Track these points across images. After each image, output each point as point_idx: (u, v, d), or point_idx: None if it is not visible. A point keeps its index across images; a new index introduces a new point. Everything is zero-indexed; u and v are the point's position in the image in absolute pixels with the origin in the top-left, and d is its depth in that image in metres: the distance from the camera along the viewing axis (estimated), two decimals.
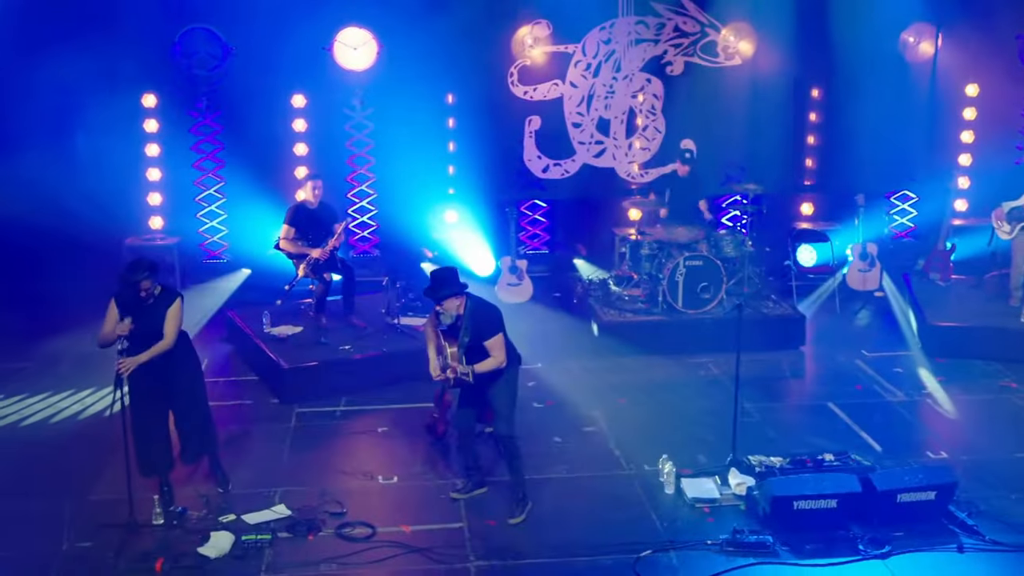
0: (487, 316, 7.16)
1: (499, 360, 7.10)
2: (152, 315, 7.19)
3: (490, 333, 7.09)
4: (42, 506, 7.37)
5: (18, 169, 11.52)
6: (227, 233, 12.86)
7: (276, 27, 11.97)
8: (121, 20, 11.67)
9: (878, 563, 6.71)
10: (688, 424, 8.87)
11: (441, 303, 7.08)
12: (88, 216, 11.95)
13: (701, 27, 12.14)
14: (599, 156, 12.55)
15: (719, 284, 10.77)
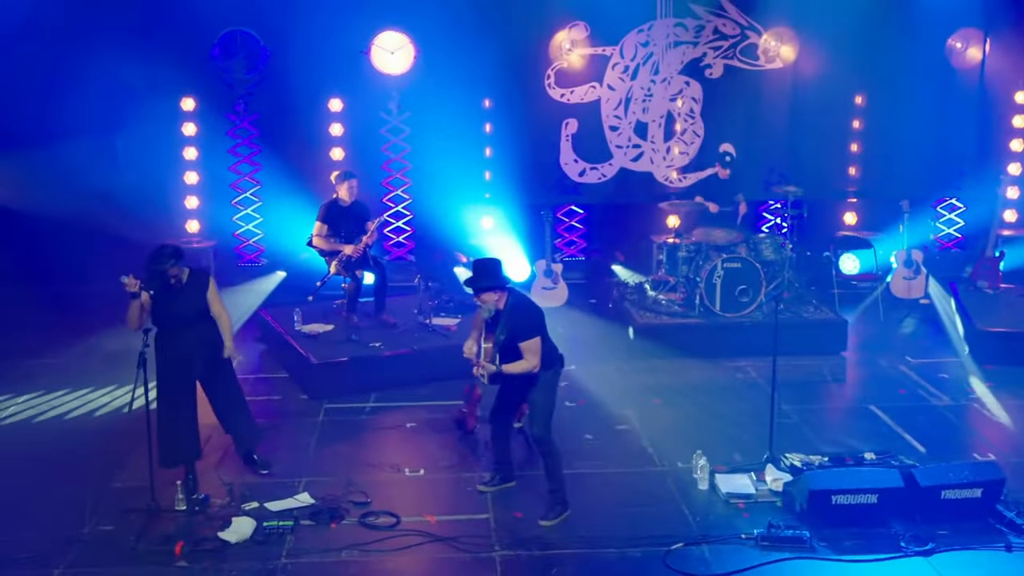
0: (526, 317, 6.89)
1: (531, 364, 6.83)
2: (186, 298, 7.21)
3: (526, 335, 6.83)
4: (66, 492, 7.31)
5: (59, 171, 11.63)
6: (263, 236, 12.86)
7: (314, 31, 12.02)
8: (161, 24, 11.76)
9: (921, 560, 6.44)
10: (724, 424, 8.63)
11: (478, 295, 6.91)
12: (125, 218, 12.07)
13: (741, 29, 11.99)
14: (636, 160, 12.40)
15: (758, 287, 10.55)
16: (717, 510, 7.16)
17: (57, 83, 11.64)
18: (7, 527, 6.80)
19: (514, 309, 6.88)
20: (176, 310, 7.18)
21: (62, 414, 8.95)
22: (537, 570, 6.45)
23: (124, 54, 11.47)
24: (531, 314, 6.92)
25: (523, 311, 6.90)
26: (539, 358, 6.83)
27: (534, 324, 6.86)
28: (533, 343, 6.82)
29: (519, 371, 6.84)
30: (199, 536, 6.72)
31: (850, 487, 6.81)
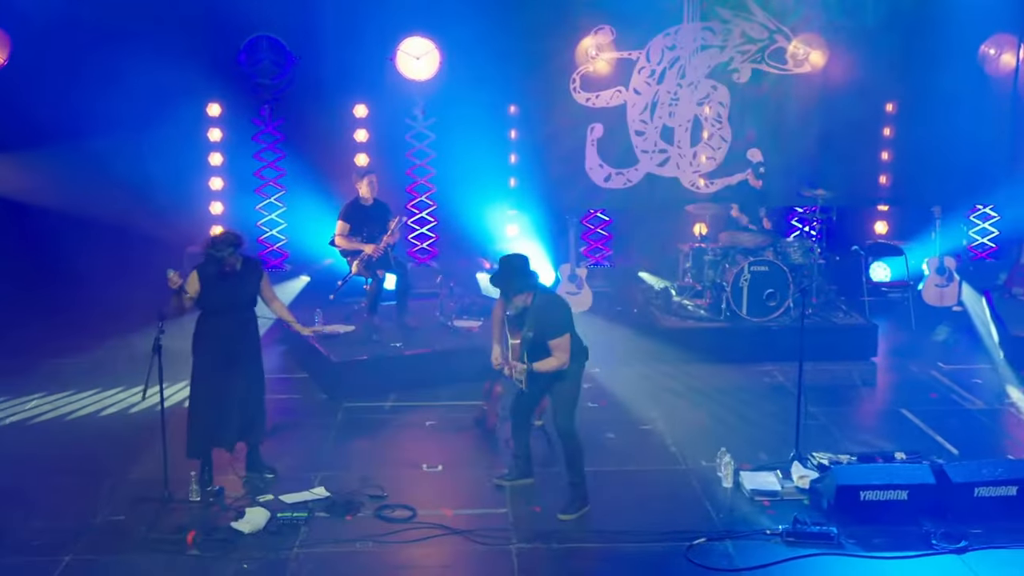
0: (554, 313, 6.74)
1: (561, 361, 6.68)
2: (238, 286, 7.21)
3: (555, 332, 6.67)
4: (81, 483, 7.26)
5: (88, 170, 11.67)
6: (287, 242, 12.83)
7: (340, 36, 12.02)
8: (188, 29, 11.76)
9: (954, 558, 6.22)
10: (749, 425, 8.47)
11: (509, 297, 6.78)
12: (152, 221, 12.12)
13: (769, 33, 11.85)
14: (663, 165, 12.26)
15: (785, 291, 10.37)
16: (741, 507, 6.98)
17: (84, 85, 11.63)
18: (22, 516, 6.73)
19: (542, 306, 6.75)
20: (227, 296, 7.17)
21: (91, 413, 8.89)
22: (555, 563, 6.30)
23: (151, 58, 11.49)
24: (560, 311, 6.79)
25: (552, 308, 6.77)
26: (568, 355, 6.69)
27: (563, 321, 6.74)
28: (563, 340, 6.68)
29: (549, 369, 6.70)
30: (212, 526, 6.62)
31: (879, 483, 6.62)
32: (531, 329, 6.68)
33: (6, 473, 7.42)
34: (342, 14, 11.93)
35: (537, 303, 6.74)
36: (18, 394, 9.11)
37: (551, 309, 6.75)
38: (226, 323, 7.24)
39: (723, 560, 6.24)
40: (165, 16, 11.67)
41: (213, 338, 7.21)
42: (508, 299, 6.75)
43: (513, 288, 6.71)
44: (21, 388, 9.26)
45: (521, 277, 6.72)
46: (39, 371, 9.81)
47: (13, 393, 9.13)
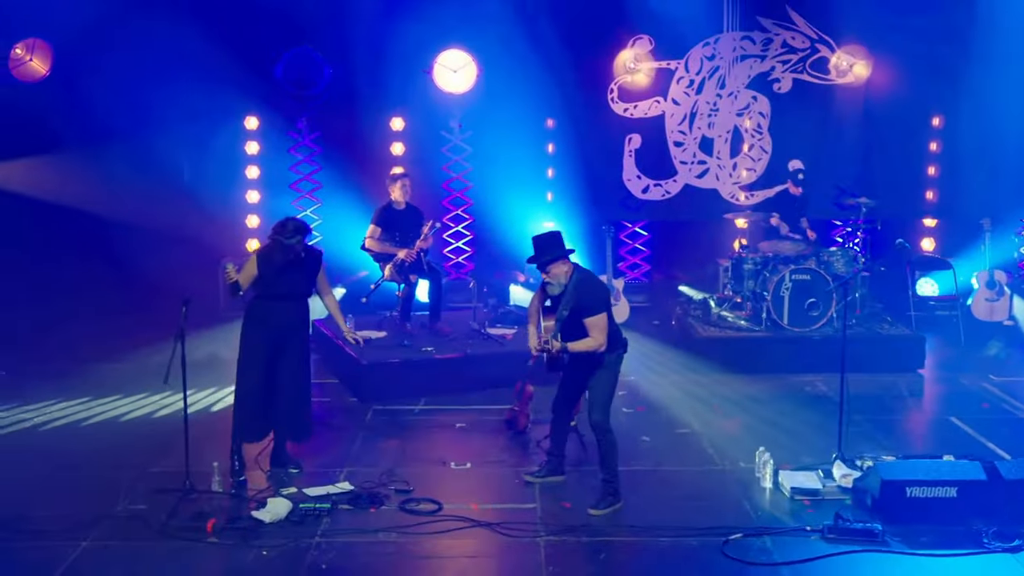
0: (591, 291, 6.55)
1: (597, 342, 6.47)
2: (299, 273, 7.18)
3: (592, 310, 6.47)
4: (105, 476, 7.16)
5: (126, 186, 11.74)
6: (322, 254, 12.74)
7: (376, 49, 12.02)
8: (225, 43, 11.80)
9: (1008, 557, 5.90)
10: (790, 431, 8.17)
11: (547, 269, 6.57)
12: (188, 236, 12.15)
13: (811, 43, 11.69)
14: (702, 176, 12.09)
15: (828, 301, 10.09)
16: (781, 506, 6.72)
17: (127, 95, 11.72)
18: (43, 506, 6.63)
19: (580, 284, 6.57)
20: (287, 284, 7.14)
21: (130, 415, 8.78)
22: (583, 555, 6.06)
23: (190, 72, 11.61)
24: (597, 289, 6.61)
25: (589, 285, 6.59)
26: (605, 336, 6.49)
27: (600, 299, 6.55)
28: (599, 319, 6.48)
29: (585, 349, 6.51)
30: (232, 515, 6.48)
31: (927, 479, 6.32)
32: (567, 308, 6.50)
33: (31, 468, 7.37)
34: (379, 26, 11.92)
35: (575, 280, 6.56)
36: (69, 397, 9.02)
37: (589, 286, 6.57)
38: (282, 310, 7.18)
39: (761, 555, 5.97)
40: (203, 31, 11.71)
41: (267, 325, 7.14)
42: (546, 270, 6.54)
43: (549, 256, 6.51)
44: (71, 391, 9.19)
45: (554, 248, 6.55)
46: (88, 374, 9.74)
47: (64, 395, 9.05)
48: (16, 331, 10.58)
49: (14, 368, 9.76)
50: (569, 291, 6.53)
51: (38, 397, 8.95)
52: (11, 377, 9.56)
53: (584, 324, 6.48)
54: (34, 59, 11.69)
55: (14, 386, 9.28)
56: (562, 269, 6.55)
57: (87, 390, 9.23)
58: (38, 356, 10.20)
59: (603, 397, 6.66)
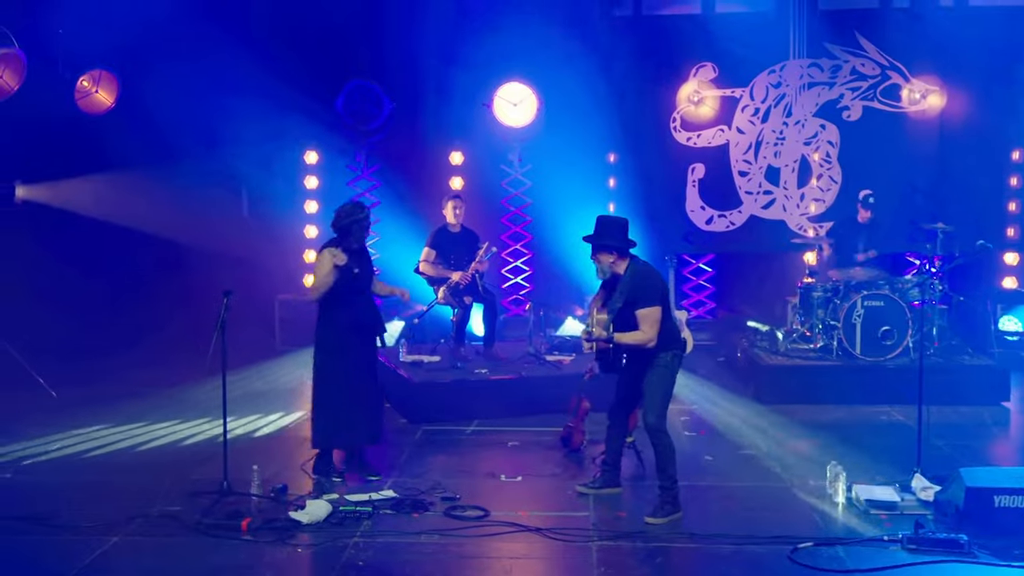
0: (645, 283, 6.24)
1: (647, 336, 6.15)
2: (365, 262, 7.03)
3: (644, 302, 6.17)
4: (142, 481, 6.94)
5: (185, 219, 11.75)
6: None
7: (437, 82, 11.98)
8: (286, 77, 11.83)
9: None
10: (863, 453, 7.62)
11: (595, 253, 6.34)
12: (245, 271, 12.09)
13: (882, 69, 11.35)
14: (768, 207, 11.71)
15: (904, 329, 9.58)
16: (855, 519, 6.22)
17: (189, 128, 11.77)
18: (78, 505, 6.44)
19: (635, 275, 6.28)
20: (360, 274, 6.91)
21: (194, 434, 8.51)
22: (638, 559, 5.64)
23: (250, 102, 11.65)
24: (652, 281, 6.29)
25: (644, 277, 6.28)
26: (656, 330, 6.15)
27: (654, 291, 6.22)
28: (651, 312, 6.16)
29: (631, 342, 6.17)
30: (269, 516, 6.19)
31: (1018, 487, 5.79)
32: (620, 299, 6.19)
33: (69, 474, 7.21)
34: (439, 60, 11.90)
35: (630, 271, 6.26)
36: (121, 422, 8.70)
37: (644, 278, 6.26)
38: (360, 305, 6.98)
39: (833, 563, 5.50)
40: (264, 64, 11.77)
41: (346, 323, 6.90)
42: (593, 253, 6.28)
43: (601, 243, 6.27)
44: (125, 416, 8.91)
45: (612, 235, 6.29)
46: (148, 399, 9.50)
47: (119, 420, 8.77)
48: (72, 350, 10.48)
49: (68, 391, 9.59)
50: (624, 282, 6.24)
51: (90, 422, 8.66)
52: (61, 400, 9.40)
53: (636, 316, 6.14)
54: (100, 91, 11.84)
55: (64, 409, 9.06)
56: (607, 260, 6.28)
57: (140, 415, 8.93)
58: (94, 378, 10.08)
59: (658, 399, 6.30)
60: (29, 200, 11.10)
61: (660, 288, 6.27)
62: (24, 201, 11.09)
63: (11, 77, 10.06)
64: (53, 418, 8.63)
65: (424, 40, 11.79)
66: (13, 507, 6.35)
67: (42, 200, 11.19)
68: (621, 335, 6.17)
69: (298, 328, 12.25)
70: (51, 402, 9.19)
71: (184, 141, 11.74)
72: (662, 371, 6.31)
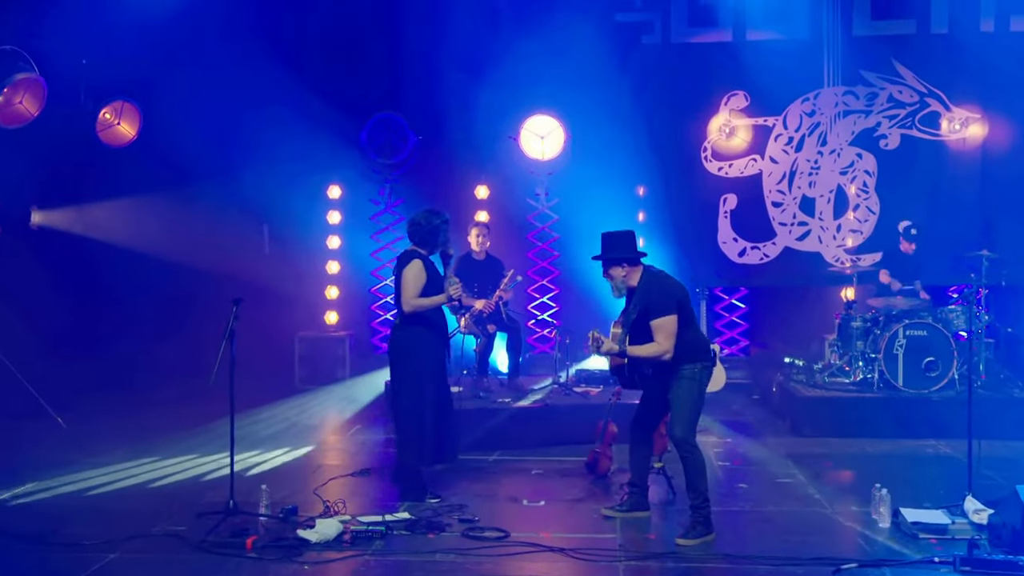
0: (660, 291, 6.01)
1: (661, 348, 5.89)
2: (439, 273, 6.96)
3: (657, 311, 5.92)
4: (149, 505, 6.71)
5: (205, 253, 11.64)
6: None
7: (462, 115, 11.85)
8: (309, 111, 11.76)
9: None
10: (909, 482, 7.24)
11: (606, 269, 6.14)
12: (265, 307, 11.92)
13: (920, 97, 11.10)
14: (803, 239, 11.42)
15: (948, 360, 9.22)
16: (902, 542, 5.85)
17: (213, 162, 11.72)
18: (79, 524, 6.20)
19: (649, 284, 6.04)
20: (440, 283, 6.87)
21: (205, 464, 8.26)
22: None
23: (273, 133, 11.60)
24: (667, 289, 6.03)
25: (658, 285, 6.04)
26: (672, 342, 5.88)
27: (669, 299, 5.96)
28: (666, 322, 5.89)
29: (645, 355, 5.91)
30: (277, 535, 5.92)
31: None
32: (635, 310, 5.93)
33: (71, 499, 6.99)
34: (464, 93, 11.75)
35: (644, 281, 6.02)
36: (136, 456, 8.28)
37: (658, 286, 6.03)
38: (440, 317, 6.93)
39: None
40: (287, 97, 11.73)
41: (433, 336, 6.86)
42: (606, 272, 6.07)
43: (608, 257, 6.09)
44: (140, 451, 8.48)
45: (619, 247, 6.08)
46: (163, 434, 9.13)
47: (129, 455, 8.43)
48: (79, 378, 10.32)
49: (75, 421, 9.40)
50: (639, 293, 5.99)
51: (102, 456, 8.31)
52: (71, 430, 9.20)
53: (651, 328, 5.88)
54: (123, 123, 11.84)
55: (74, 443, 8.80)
56: (620, 273, 6.05)
57: (153, 450, 8.54)
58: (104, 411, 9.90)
59: (686, 411, 6.01)
60: (44, 226, 11.03)
61: (676, 296, 6.01)
62: (40, 227, 11.01)
63: (31, 103, 10.05)
64: (62, 454, 8.28)
65: (449, 72, 11.69)
66: (10, 525, 6.12)
67: (58, 226, 11.12)
68: (634, 348, 5.91)
69: (318, 366, 12.10)
70: (61, 436, 8.96)
71: (205, 173, 11.69)
72: (688, 384, 6.03)
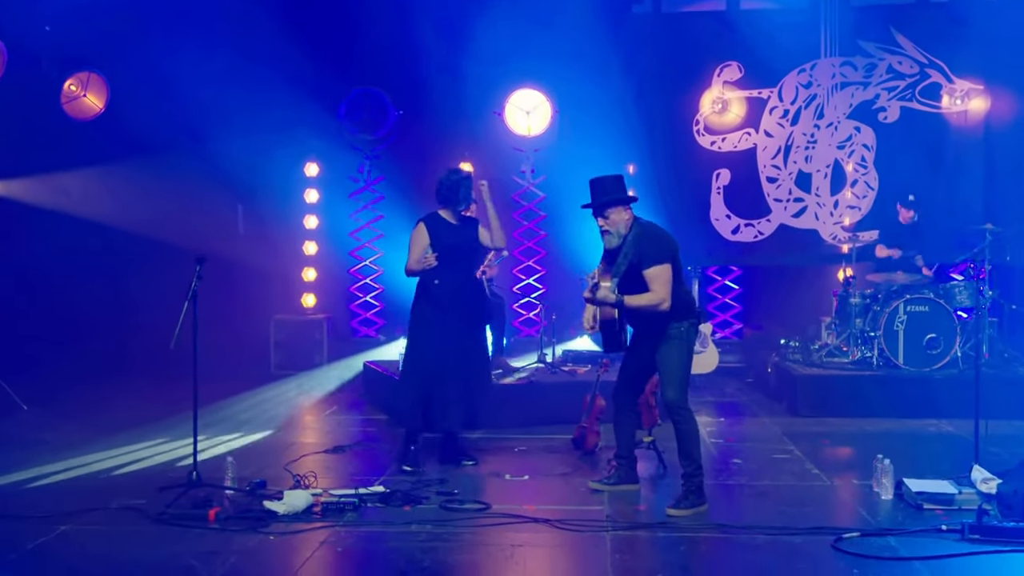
0: (654, 240, 5.79)
1: (659, 296, 5.65)
2: (464, 231, 6.92)
3: (652, 260, 5.69)
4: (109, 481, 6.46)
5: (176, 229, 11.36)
6: (381, 309, 12.15)
7: (445, 89, 11.59)
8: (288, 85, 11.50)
9: None
10: (912, 457, 6.99)
11: (604, 213, 5.88)
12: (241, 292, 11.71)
13: (920, 68, 10.91)
14: (799, 216, 11.22)
15: (951, 337, 9.02)
16: (906, 513, 5.63)
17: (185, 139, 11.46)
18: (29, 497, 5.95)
19: (641, 233, 5.82)
20: (453, 245, 6.81)
21: None
22: (658, 548, 5.08)
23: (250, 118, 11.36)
24: (660, 238, 5.82)
25: (652, 234, 5.83)
26: (668, 290, 5.66)
27: (663, 249, 5.74)
28: (661, 271, 5.67)
29: (643, 304, 5.67)
30: (243, 508, 5.67)
31: None
32: (626, 260, 5.71)
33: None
34: (448, 66, 11.50)
35: (636, 230, 5.80)
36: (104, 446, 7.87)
37: (652, 235, 5.81)
38: (453, 276, 6.79)
39: (885, 551, 4.92)
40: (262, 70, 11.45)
41: (440, 297, 6.75)
42: (603, 214, 5.83)
43: (608, 198, 5.83)
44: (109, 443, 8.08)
45: (618, 189, 5.83)
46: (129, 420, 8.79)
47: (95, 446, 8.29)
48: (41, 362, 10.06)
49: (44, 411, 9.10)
50: (629, 243, 5.77)
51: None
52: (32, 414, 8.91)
53: (644, 278, 5.65)
54: (89, 95, 11.59)
55: None
56: (622, 216, 5.83)
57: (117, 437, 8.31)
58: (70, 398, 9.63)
59: (676, 372, 5.79)
60: (5, 196, 10.73)
61: (670, 247, 5.79)
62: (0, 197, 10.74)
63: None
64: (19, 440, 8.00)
65: (432, 44, 11.44)
66: None
67: (19, 197, 10.82)
68: (631, 297, 5.68)
69: (295, 351, 11.83)
70: (22, 419, 8.68)
71: (175, 145, 11.43)
72: (677, 343, 5.81)
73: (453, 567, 4.76)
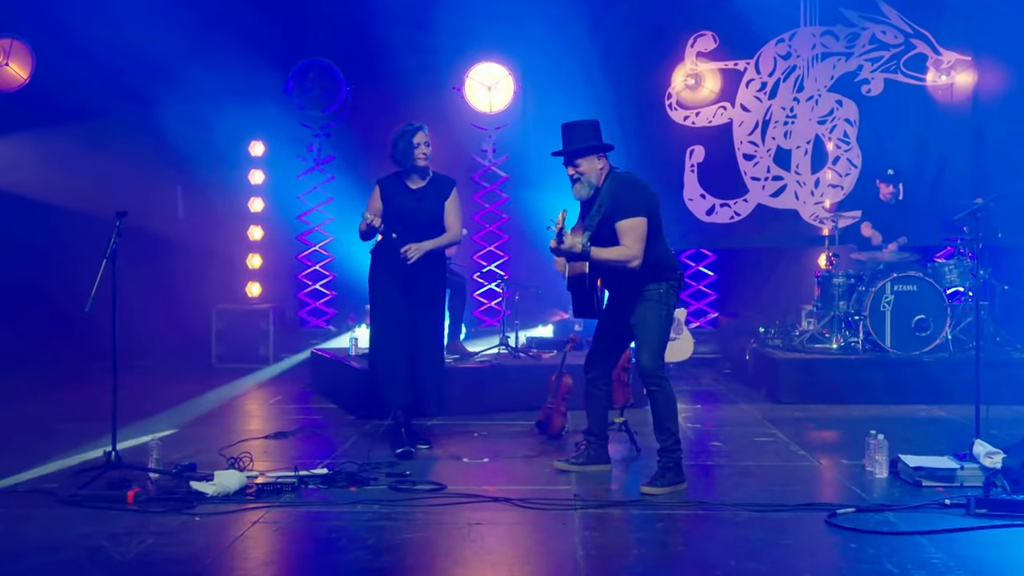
0: (629, 190, 5.42)
1: (630, 252, 5.28)
2: (424, 197, 6.54)
3: (626, 212, 5.32)
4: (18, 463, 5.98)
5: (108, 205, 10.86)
6: (333, 298, 11.74)
7: (401, 63, 11.24)
8: (229, 59, 11.05)
9: None
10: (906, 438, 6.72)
11: (575, 162, 5.52)
12: (181, 279, 11.31)
13: (905, 38, 10.68)
14: (777, 195, 10.94)
15: (941, 318, 8.76)
16: (904, 490, 5.32)
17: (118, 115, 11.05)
18: None
19: (616, 184, 5.46)
20: (410, 212, 6.44)
21: None
22: (633, 525, 4.72)
23: (190, 92, 10.97)
24: (637, 189, 5.46)
25: (627, 185, 5.47)
26: (641, 246, 5.30)
27: (639, 201, 5.38)
28: (635, 224, 5.31)
29: (611, 258, 5.31)
30: (168, 490, 5.24)
31: None
32: (600, 212, 5.36)
33: None
34: (404, 37, 11.14)
35: (610, 181, 5.46)
36: None
37: (627, 186, 5.45)
38: (391, 250, 6.36)
39: (883, 526, 4.59)
40: (201, 41, 11.02)
41: (390, 264, 6.38)
42: (574, 163, 5.47)
43: (580, 145, 5.48)
44: None
45: (592, 136, 5.48)
46: None
47: None
48: None
49: None
50: (604, 193, 5.42)
51: None
52: None
53: (616, 231, 5.30)
54: (11, 64, 11.13)
55: None
56: (595, 166, 5.48)
57: None
58: None
59: (653, 336, 5.44)
60: None
61: (647, 200, 5.42)
62: None
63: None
64: None
65: (386, 14, 11.08)
66: None
67: None
68: (599, 250, 5.31)
69: (238, 342, 11.38)
70: None
71: (107, 124, 11.04)
72: (656, 306, 5.45)
73: (402, 544, 4.37)
